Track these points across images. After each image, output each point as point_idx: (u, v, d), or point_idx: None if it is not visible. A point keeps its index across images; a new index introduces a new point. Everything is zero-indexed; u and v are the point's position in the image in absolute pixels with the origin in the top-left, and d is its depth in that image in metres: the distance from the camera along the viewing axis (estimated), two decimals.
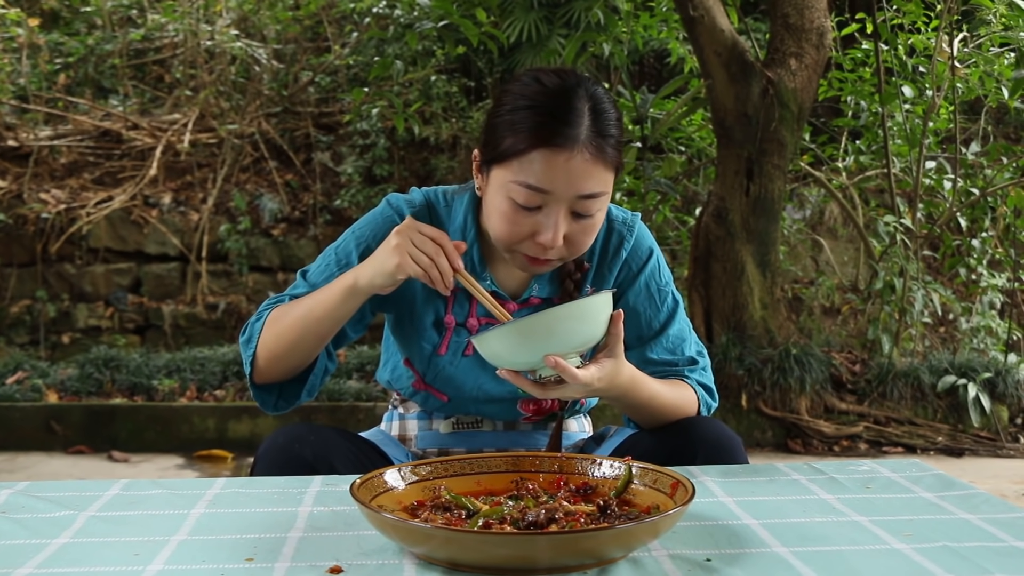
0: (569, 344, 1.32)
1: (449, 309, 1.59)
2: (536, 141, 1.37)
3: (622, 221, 1.62)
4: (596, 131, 1.39)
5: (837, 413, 4.80)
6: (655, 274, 1.63)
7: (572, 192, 1.39)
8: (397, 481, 1.17)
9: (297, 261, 6.34)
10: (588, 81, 1.44)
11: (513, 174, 1.40)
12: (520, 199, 1.40)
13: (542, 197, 1.39)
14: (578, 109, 1.39)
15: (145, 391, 5.00)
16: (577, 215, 1.42)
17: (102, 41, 7.21)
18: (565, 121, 1.37)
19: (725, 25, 4.74)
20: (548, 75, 1.44)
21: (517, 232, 1.43)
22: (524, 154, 1.38)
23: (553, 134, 1.37)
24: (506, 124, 1.41)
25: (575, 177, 1.38)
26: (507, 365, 1.36)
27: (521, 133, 1.38)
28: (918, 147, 5.24)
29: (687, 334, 1.64)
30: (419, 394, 1.65)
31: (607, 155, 1.40)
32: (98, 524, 1.15)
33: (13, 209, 6.12)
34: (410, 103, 6.18)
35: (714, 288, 4.93)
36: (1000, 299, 5.62)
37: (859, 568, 0.99)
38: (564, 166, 1.37)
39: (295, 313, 1.51)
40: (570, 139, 1.37)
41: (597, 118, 1.40)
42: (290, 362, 1.55)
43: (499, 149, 1.42)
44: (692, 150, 5.85)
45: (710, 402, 1.63)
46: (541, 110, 1.38)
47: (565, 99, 1.39)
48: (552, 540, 0.95)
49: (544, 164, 1.37)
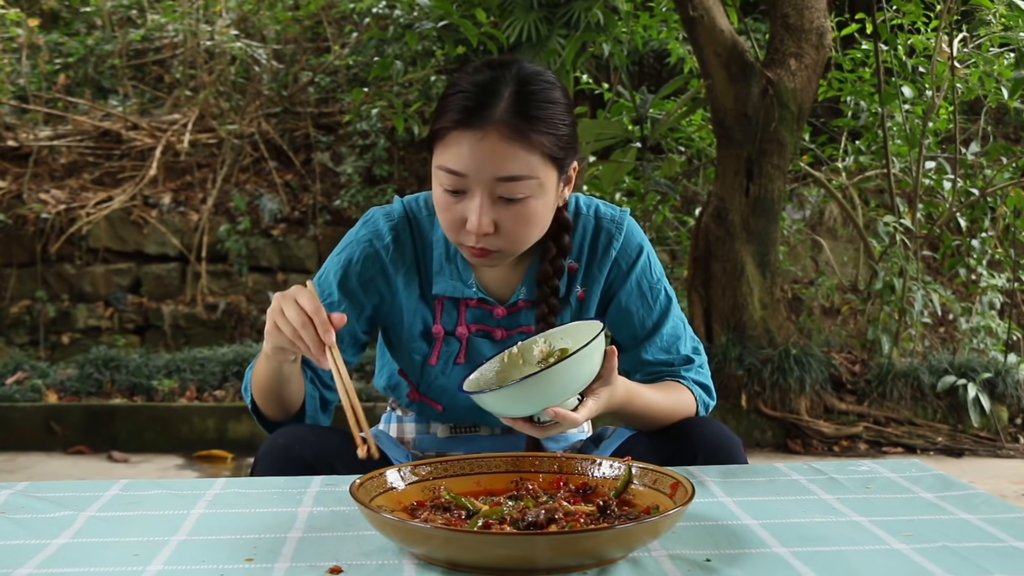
0: (566, 393, 1.31)
1: (437, 319, 1.57)
2: (451, 123, 1.37)
3: (610, 219, 1.59)
4: (516, 111, 1.36)
5: (837, 413, 4.80)
6: (646, 271, 1.60)
7: (488, 174, 1.36)
8: (397, 481, 1.17)
9: (297, 261, 6.34)
10: (525, 66, 1.42)
11: (438, 159, 1.40)
12: (446, 184, 1.39)
13: (461, 181, 1.38)
14: (497, 91, 1.37)
15: (145, 391, 5.00)
16: (504, 199, 1.38)
17: (102, 41, 7.21)
18: (480, 102, 1.36)
19: (725, 25, 4.74)
20: (486, 63, 1.44)
21: (451, 219, 1.42)
22: (444, 137, 1.39)
23: (468, 113, 1.36)
24: (438, 109, 1.42)
25: (488, 158, 1.36)
26: (510, 415, 1.35)
27: (443, 116, 1.39)
28: (918, 147, 5.24)
29: (682, 331, 1.62)
30: (415, 404, 1.65)
31: (529, 137, 1.36)
32: (98, 524, 1.15)
33: (13, 209, 6.12)
34: (410, 103, 6.18)
35: (714, 288, 4.93)
36: (1000, 299, 5.62)
37: (859, 568, 0.99)
38: (477, 146, 1.36)
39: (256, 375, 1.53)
40: (482, 118, 1.35)
41: (521, 99, 1.37)
42: (277, 407, 1.56)
43: (431, 133, 1.43)
44: (692, 150, 5.85)
45: (708, 401, 1.61)
46: (463, 94, 1.38)
47: (486, 82, 1.39)
48: (552, 540, 0.95)
49: (458, 146, 1.37)
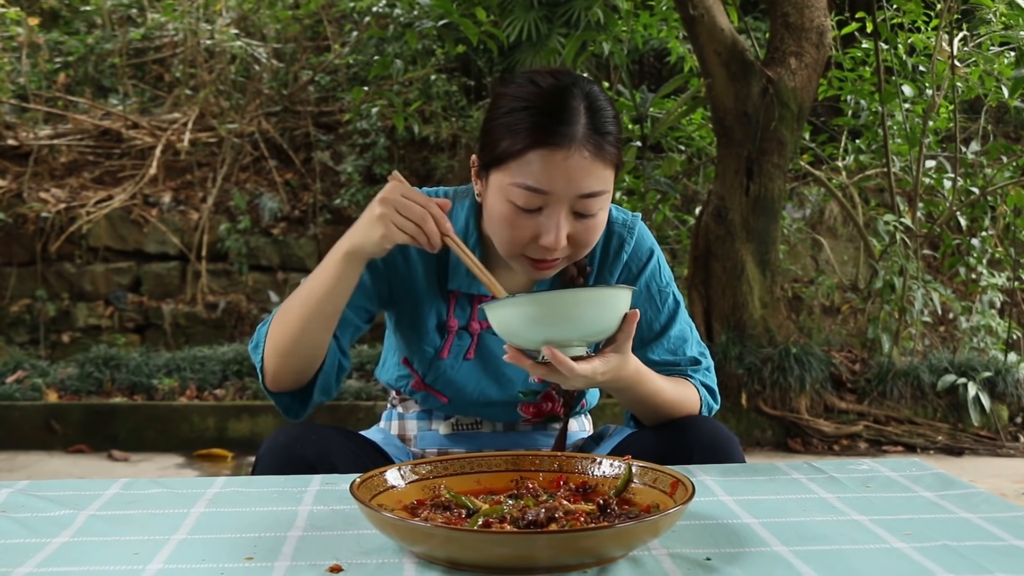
0: (581, 330, 1.28)
1: (451, 312, 1.58)
2: (533, 141, 1.36)
3: (622, 223, 1.61)
4: (593, 128, 1.37)
5: (837, 412, 4.80)
6: (656, 275, 1.62)
7: (572, 192, 1.37)
8: (397, 480, 1.17)
9: (297, 260, 6.34)
10: (583, 80, 1.43)
11: (512, 176, 1.38)
12: (520, 201, 1.38)
13: (542, 198, 1.38)
14: (574, 107, 1.37)
15: (145, 390, 5.00)
16: (579, 215, 1.40)
17: (102, 40, 7.21)
18: (561, 120, 1.36)
19: (725, 24, 4.74)
20: (543, 76, 1.42)
21: (519, 236, 1.41)
22: (521, 155, 1.37)
23: (549, 133, 1.35)
24: (502, 127, 1.40)
25: (574, 176, 1.36)
26: (515, 340, 1.31)
27: (518, 134, 1.37)
28: (918, 146, 5.24)
29: (688, 335, 1.63)
30: (419, 393, 1.65)
31: (606, 152, 1.38)
32: (98, 523, 1.15)
33: (13, 208, 6.12)
34: (410, 102, 6.18)
35: (714, 287, 4.93)
36: (1000, 298, 5.62)
37: (859, 567, 0.99)
38: (562, 165, 1.36)
39: (296, 300, 1.48)
40: (567, 137, 1.35)
41: (594, 116, 1.38)
42: (299, 356, 1.49)
43: (496, 152, 1.40)
44: (692, 149, 5.84)
45: (712, 404, 1.62)
46: (536, 110, 1.37)
47: (560, 98, 1.38)
48: (552, 539, 0.95)
49: (542, 164, 1.36)
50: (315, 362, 1.52)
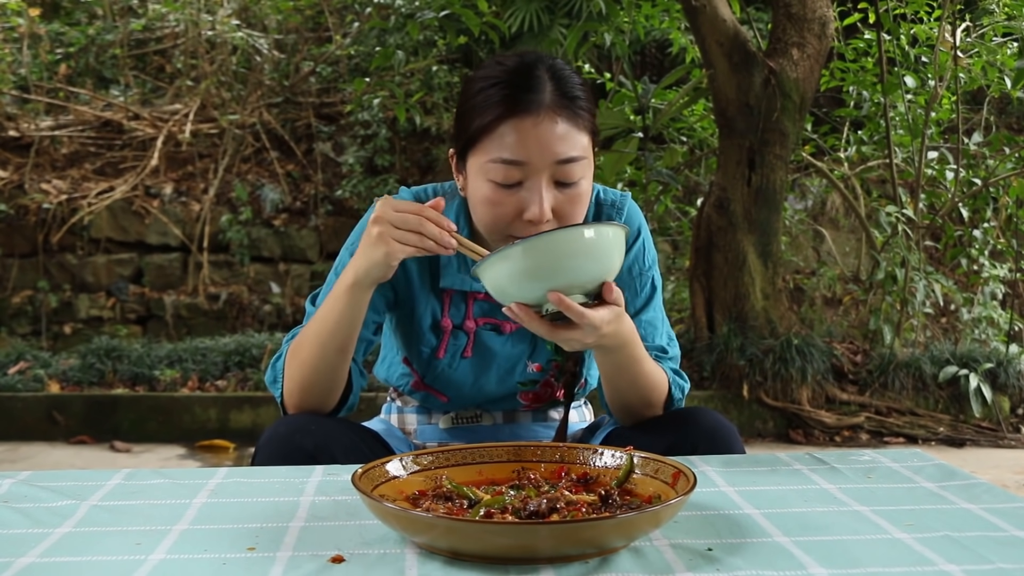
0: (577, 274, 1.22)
1: (445, 312, 1.57)
2: (502, 112, 1.37)
3: (611, 203, 1.60)
4: (560, 93, 1.38)
5: (838, 403, 4.80)
6: (640, 256, 1.60)
7: (548, 158, 1.37)
8: (399, 470, 1.17)
9: (298, 251, 6.34)
10: (547, 56, 1.45)
11: (487, 154, 1.38)
12: (499, 178, 1.38)
13: (520, 170, 1.37)
14: (538, 76, 1.39)
15: (147, 381, 5.01)
16: (560, 184, 1.39)
17: (103, 31, 7.20)
18: (527, 88, 1.37)
19: (727, 15, 4.72)
20: (508, 57, 1.44)
21: (503, 213, 1.40)
22: (493, 129, 1.37)
23: (516, 102, 1.36)
24: (472, 108, 1.41)
25: (547, 142, 1.36)
26: (509, 299, 1.26)
27: (487, 109, 1.38)
28: (920, 137, 5.23)
29: (659, 323, 1.61)
30: (418, 393, 1.65)
31: (578, 116, 1.39)
32: (100, 513, 1.15)
33: (14, 199, 6.12)
34: (411, 93, 6.17)
35: (716, 278, 4.92)
36: (1002, 289, 5.62)
37: (860, 557, 0.99)
38: (533, 132, 1.36)
39: (310, 333, 1.47)
40: (535, 103, 1.36)
41: (560, 83, 1.39)
42: (320, 387, 1.49)
43: (469, 133, 1.41)
44: (694, 140, 5.84)
45: (683, 384, 1.59)
46: (503, 84, 1.38)
47: (526, 70, 1.39)
48: (553, 529, 0.95)
49: (514, 134, 1.36)
50: (336, 390, 1.52)
